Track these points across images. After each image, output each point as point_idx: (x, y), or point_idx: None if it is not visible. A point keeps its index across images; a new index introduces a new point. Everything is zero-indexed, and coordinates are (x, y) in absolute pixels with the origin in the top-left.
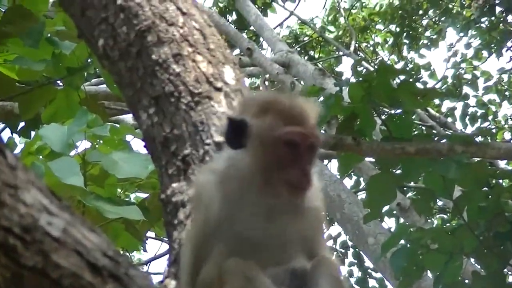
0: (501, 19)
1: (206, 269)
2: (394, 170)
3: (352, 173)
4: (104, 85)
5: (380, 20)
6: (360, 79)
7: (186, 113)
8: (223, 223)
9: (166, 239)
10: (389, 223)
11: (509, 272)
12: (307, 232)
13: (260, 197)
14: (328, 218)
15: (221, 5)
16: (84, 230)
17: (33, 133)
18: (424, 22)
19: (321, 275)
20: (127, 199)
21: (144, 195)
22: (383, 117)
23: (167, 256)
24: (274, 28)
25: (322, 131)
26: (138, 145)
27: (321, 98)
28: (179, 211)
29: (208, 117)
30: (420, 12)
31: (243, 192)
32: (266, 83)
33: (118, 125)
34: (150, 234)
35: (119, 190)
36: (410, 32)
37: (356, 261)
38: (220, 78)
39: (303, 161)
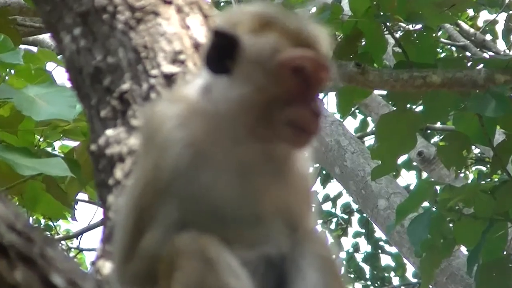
0: None
1: (149, 242)
2: (413, 108)
3: (357, 112)
4: None
5: None
6: None
7: (124, 34)
8: (180, 178)
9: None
10: (407, 179)
11: None
12: (291, 202)
13: (239, 146)
14: (324, 173)
15: None
16: None
17: None
18: None
19: (306, 257)
20: (48, 150)
21: (72, 144)
22: (397, 35)
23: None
24: None
25: None
26: (63, 76)
27: (312, 10)
28: (115, 168)
29: (154, 39)
30: None
31: (219, 136)
32: None
33: (35, 50)
34: (82, 196)
35: (37, 137)
36: None
37: (363, 231)
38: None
39: (313, 97)
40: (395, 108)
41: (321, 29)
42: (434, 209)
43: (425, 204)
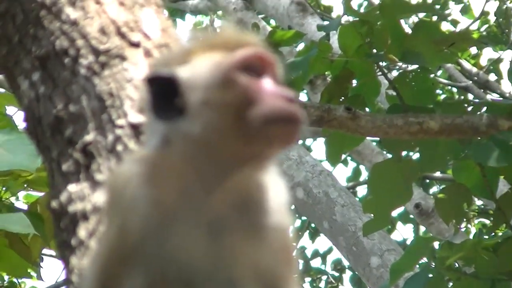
0: None
1: None
2: (409, 156)
3: (349, 159)
4: None
5: None
6: (357, 19)
7: (87, 80)
8: (147, 241)
9: None
10: (403, 233)
11: None
12: (269, 263)
13: (210, 197)
14: (312, 227)
15: None
16: None
17: None
18: None
19: None
20: (11, 200)
21: (37, 194)
22: (391, 76)
23: None
24: None
25: (303, 97)
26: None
27: (299, 47)
28: (78, 227)
29: (120, 86)
30: None
31: (186, 188)
32: (217, 23)
33: None
34: (48, 251)
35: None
36: None
37: None
38: (137, 28)
39: (274, 85)
40: (389, 156)
41: (252, 34)
42: (432, 267)
43: (423, 261)
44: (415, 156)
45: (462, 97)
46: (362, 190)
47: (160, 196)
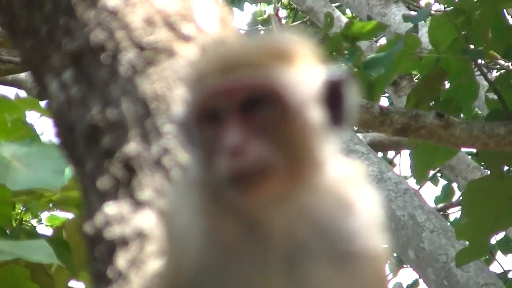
0: None
1: None
2: None
3: (439, 176)
4: None
5: None
6: (451, 8)
7: (128, 80)
8: (204, 279)
9: None
10: (504, 263)
11: None
12: None
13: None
14: (395, 256)
15: None
16: None
17: None
18: None
19: None
20: (33, 223)
21: (61, 217)
22: (491, 76)
23: None
24: None
25: (385, 101)
26: (49, 130)
27: (381, 41)
28: (116, 255)
29: (167, 86)
30: None
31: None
32: (282, 13)
33: (14, 92)
34: (76, 284)
35: (20, 207)
36: None
37: None
38: (189, 18)
39: (234, 131)
40: (488, 172)
41: (263, 43)
42: None
43: None
44: None
45: None
46: (454, 213)
47: (217, 227)
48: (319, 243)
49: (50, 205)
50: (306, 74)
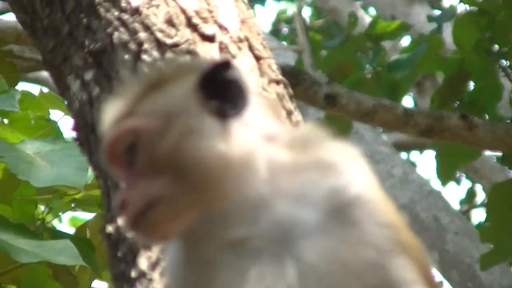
0: None
1: None
2: None
3: (462, 177)
4: (15, 18)
5: None
6: (475, 8)
7: None
8: None
9: None
10: None
11: None
12: (367, 263)
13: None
14: None
15: None
16: None
17: None
18: None
19: None
20: (53, 226)
21: (85, 216)
22: None
23: None
24: None
25: (408, 102)
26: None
27: (405, 42)
28: (139, 256)
29: None
30: None
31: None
32: (306, 12)
33: (37, 90)
34: (99, 284)
35: (41, 208)
36: None
37: None
38: (211, 19)
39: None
40: None
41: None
42: None
43: None
44: None
45: None
46: (478, 215)
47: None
48: (303, 213)
49: (72, 204)
50: (169, 93)
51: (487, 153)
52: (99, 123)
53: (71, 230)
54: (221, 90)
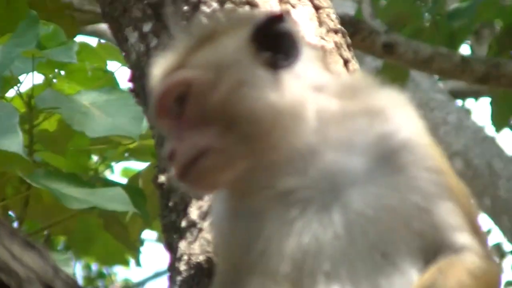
0: None
1: None
2: None
3: None
4: None
5: None
6: None
7: None
8: (242, 255)
9: None
10: None
11: None
12: (414, 208)
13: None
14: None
15: None
16: (14, 245)
17: None
18: None
19: None
20: (107, 175)
21: (138, 167)
22: None
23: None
24: None
25: (466, 50)
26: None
27: None
28: (189, 206)
29: None
30: None
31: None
32: None
33: (95, 43)
34: (149, 234)
35: (93, 158)
36: None
37: None
38: None
39: (169, 139)
40: None
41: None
42: None
43: None
44: None
45: None
46: None
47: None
48: (351, 161)
49: (126, 154)
50: (222, 45)
51: None
52: (151, 76)
53: (124, 181)
54: (273, 42)
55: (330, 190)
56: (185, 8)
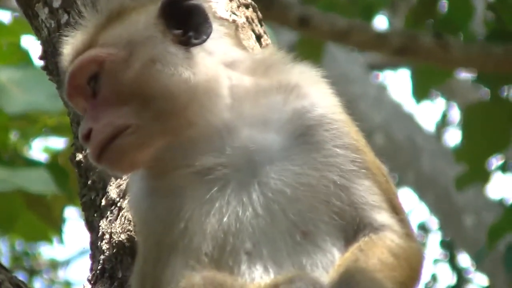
0: None
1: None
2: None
3: (439, 96)
4: None
5: None
6: None
7: None
8: (163, 234)
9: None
10: (503, 189)
11: None
12: (331, 186)
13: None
14: (392, 178)
15: None
16: None
17: None
18: None
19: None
20: (26, 155)
21: (57, 144)
22: None
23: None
24: None
25: (383, 23)
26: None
27: None
28: (109, 184)
29: None
30: None
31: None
32: None
33: (8, 18)
34: (72, 212)
35: (12, 136)
36: None
37: (445, 255)
38: None
39: (85, 118)
40: (487, 96)
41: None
42: None
43: None
44: None
45: None
46: (453, 136)
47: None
48: (268, 138)
49: (44, 130)
50: (130, 23)
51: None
52: (62, 55)
53: (43, 157)
54: (183, 19)
55: (247, 167)
56: None
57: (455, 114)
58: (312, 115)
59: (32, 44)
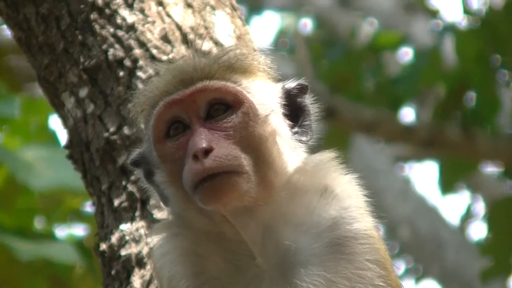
0: None
1: None
2: None
3: (464, 189)
4: None
5: None
6: (477, 22)
7: None
8: None
9: None
10: None
11: None
12: None
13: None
14: (415, 269)
15: None
16: None
17: None
18: None
19: None
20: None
21: (78, 235)
22: None
23: None
24: None
25: (410, 115)
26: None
27: (404, 53)
28: (132, 274)
29: None
30: None
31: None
32: (306, 27)
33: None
34: None
35: (36, 223)
36: None
37: None
38: (207, 35)
39: (199, 135)
40: None
41: (202, 58)
42: None
43: None
44: None
45: None
46: (477, 229)
47: (195, 263)
48: (305, 241)
49: (68, 218)
50: (263, 85)
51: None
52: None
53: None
54: (293, 110)
55: (282, 266)
56: (121, 73)
57: (480, 207)
58: (350, 228)
59: (59, 124)
